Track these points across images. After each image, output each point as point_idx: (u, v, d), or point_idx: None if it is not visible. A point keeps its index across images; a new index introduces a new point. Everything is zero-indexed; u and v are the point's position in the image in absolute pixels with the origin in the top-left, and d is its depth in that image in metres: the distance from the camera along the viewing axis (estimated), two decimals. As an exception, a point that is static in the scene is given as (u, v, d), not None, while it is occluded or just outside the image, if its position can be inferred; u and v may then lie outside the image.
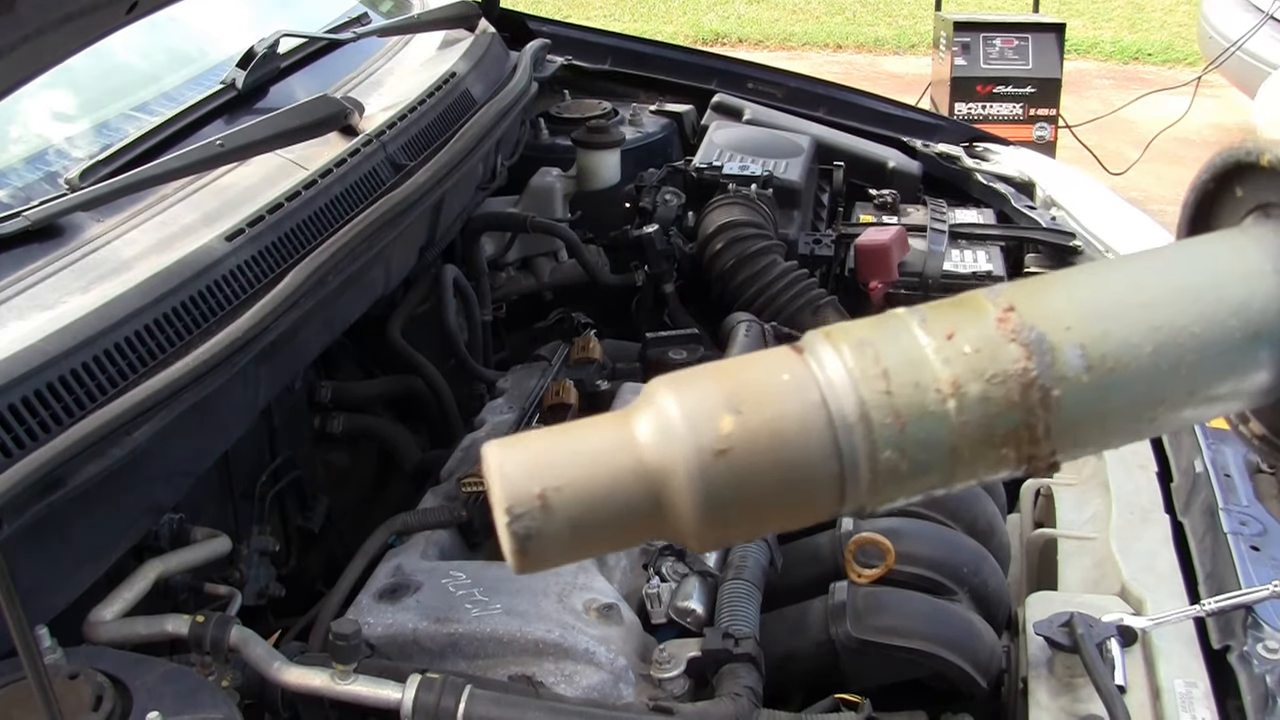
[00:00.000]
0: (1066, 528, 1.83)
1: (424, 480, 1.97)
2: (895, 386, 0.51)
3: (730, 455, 0.50)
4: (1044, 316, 0.53)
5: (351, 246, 1.80)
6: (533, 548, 0.52)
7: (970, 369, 0.52)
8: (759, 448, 0.51)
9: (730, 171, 2.75)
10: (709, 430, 0.51)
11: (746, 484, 0.51)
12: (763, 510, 0.52)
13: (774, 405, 0.51)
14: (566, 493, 0.52)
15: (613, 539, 0.53)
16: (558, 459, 0.52)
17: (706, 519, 0.51)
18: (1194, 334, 0.53)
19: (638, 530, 0.53)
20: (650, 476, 0.51)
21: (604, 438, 0.53)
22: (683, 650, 1.47)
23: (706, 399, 0.51)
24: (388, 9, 2.67)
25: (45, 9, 1.09)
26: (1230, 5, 6.35)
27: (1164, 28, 9.44)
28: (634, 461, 0.52)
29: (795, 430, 0.51)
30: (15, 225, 1.49)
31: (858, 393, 0.51)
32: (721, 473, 0.50)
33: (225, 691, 1.30)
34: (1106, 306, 0.54)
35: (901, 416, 0.51)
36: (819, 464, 0.51)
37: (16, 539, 1.21)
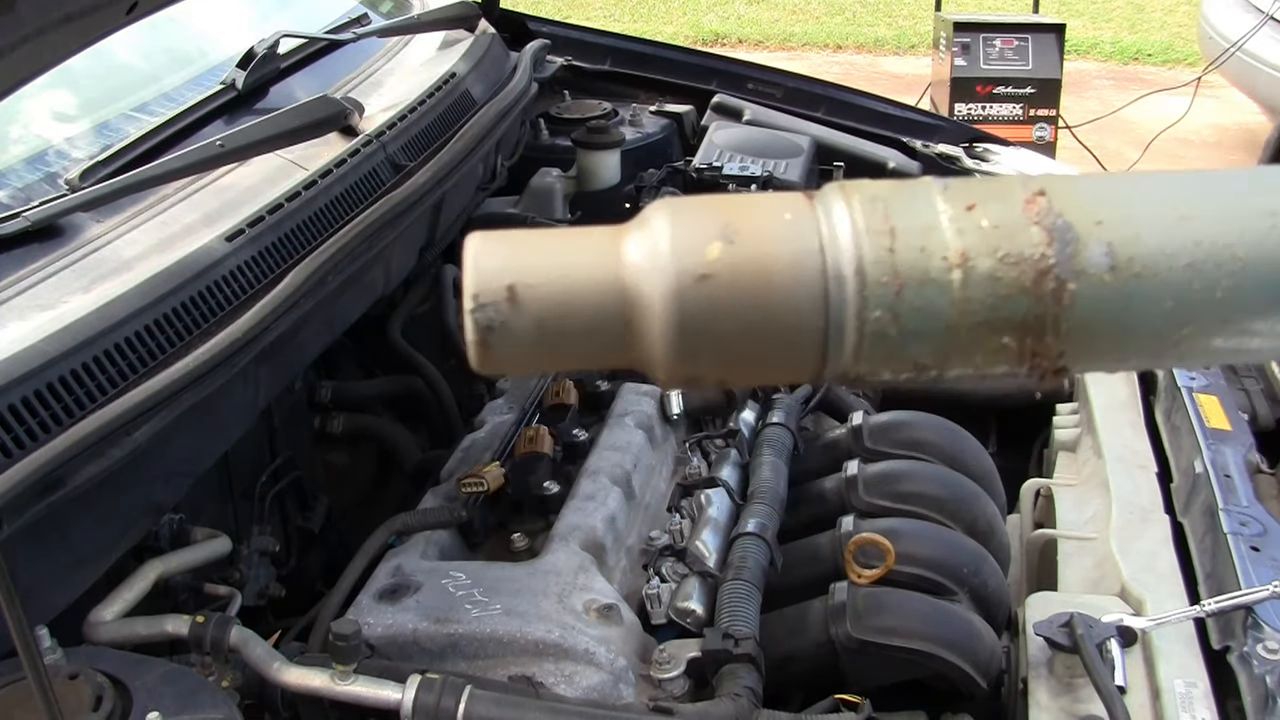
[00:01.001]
0: (1066, 528, 1.83)
1: (424, 480, 1.97)
2: (899, 246, 0.48)
3: (711, 282, 0.48)
4: (1075, 207, 0.50)
5: (351, 247, 1.80)
6: (494, 341, 0.50)
7: (984, 243, 0.49)
8: (743, 282, 0.48)
9: (730, 172, 2.75)
10: (695, 253, 0.48)
11: (723, 317, 0.48)
12: (737, 351, 0.49)
13: (768, 242, 0.49)
14: (538, 291, 0.50)
15: (579, 351, 0.50)
16: (537, 257, 0.50)
17: (676, 347, 0.48)
18: (1237, 256, 0.49)
19: (606, 347, 0.50)
20: (627, 291, 0.49)
21: (590, 245, 0.50)
22: (683, 650, 1.47)
23: (701, 223, 0.49)
24: (388, 9, 2.67)
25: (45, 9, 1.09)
26: (1230, 5, 6.35)
27: (1164, 28, 9.44)
28: (613, 274, 0.49)
29: (785, 271, 0.48)
30: (15, 225, 1.49)
31: (858, 245, 0.49)
32: (699, 299, 0.48)
33: (225, 692, 1.30)
34: (1145, 210, 0.50)
35: (900, 278, 0.48)
36: (804, 312, 0.48)
37: (16, 539, 1.21)
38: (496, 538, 1.74)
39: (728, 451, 1.93)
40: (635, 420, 1.91)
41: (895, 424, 2.00)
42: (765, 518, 1.71)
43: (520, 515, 1.77)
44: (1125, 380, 2.20)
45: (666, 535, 1.69)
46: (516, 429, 1.88)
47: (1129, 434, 2.00)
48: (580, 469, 1.79)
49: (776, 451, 1.92)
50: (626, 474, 1.78)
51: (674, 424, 2.00)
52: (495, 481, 1.71)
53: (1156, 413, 2.07)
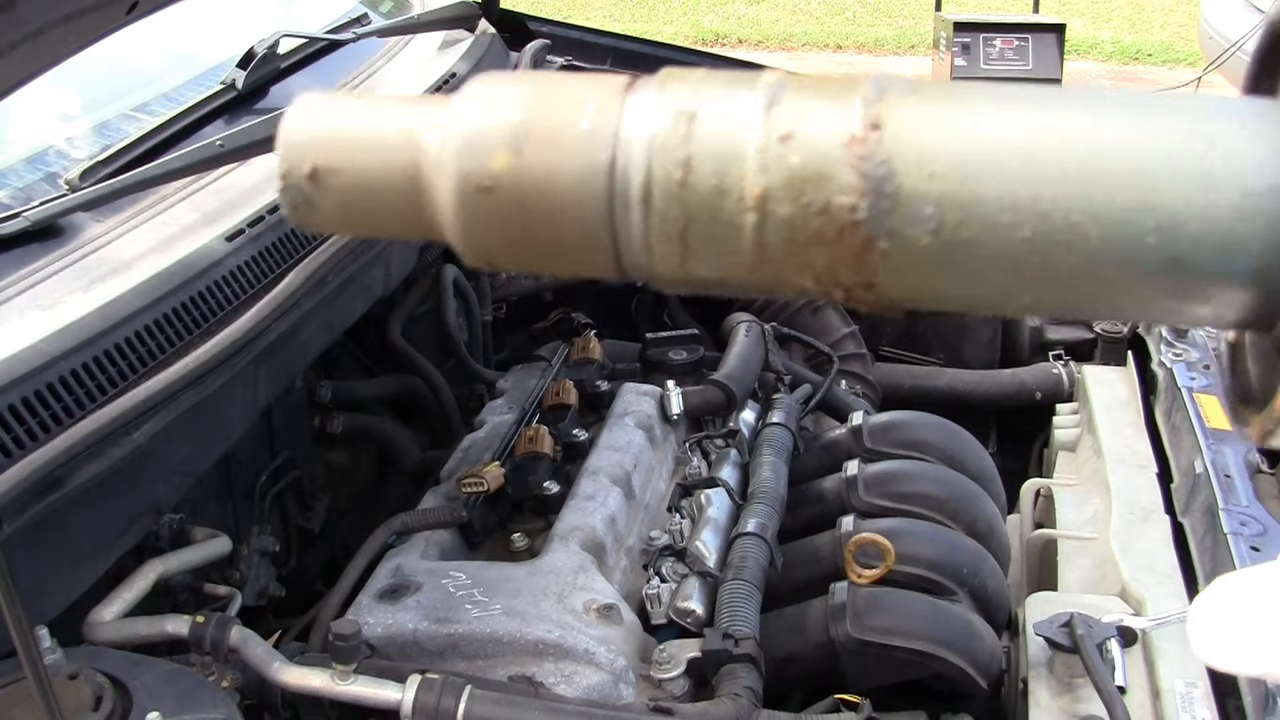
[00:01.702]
0: (1066, 528, 1.83)
1: (424, 480, 1.97)
2: (693, 180, 0.44)
3: (493, 195, 0.47)
4: (911, 149, 0.43)
5: (351, 246, 1.80)
6: (302, 216, 0.52)
7: (788, 186, 0.43)
8: (525, 197, 0.47)
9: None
10: (480, 164, 0.47)
11: (507, 226, 0.47)
12: (525, 253, 0.48)
13: (557, 158, 0.46)
14: (338, 177, 0.51)
15: (385, 229, 0.52)
16: (342, 139, 0.51)
17: (466, 244, 0.49)
18: (1093, 232, 0.42)
19: (410, 229, 0.51)
20: (421, 185, 0.49)
21: (396, 126, 0.50)
22: (683, 651, 1.47)
23: (493, 128, 0.47)
24: (388, 9, 2.66)
25: (45, 9, 1.09)
26: (1230, 5, 6.35)
27: (1164, 28, 9.44)
28: (411, 165, 0.49)
29: (569, 191, 0.46)
30: (15, 225, 1.49)
31: (648, 172, 0.45)
32: (481, 209, 0.47)
33: (225, 691, 1.30)
34: (999, 164, 0.42)
35: (688, 214, 0.45)
36: (589, 232, 0.47)
37: (16, 539, 1.21)
38: (496, 538, 1.74)
39: (728, 451, 1.93)
40: (635, 420, 1.91)
41: (895, 424, 2.00)
42: (765, 518, 1.71)
43: (520, 515, 1.77)
44: (1125, 380, 2.20)
45: (666, 535, 1.69)
46: (516, 429, 1.88)
47: (1129, 434, 2.00)
48: (580, 469, 1.79)
49: (776, 451, 1.92)
50: (626, 474, 1.78)
51: (674, 424, 2.00)
52: (495, 481, 1.71)
53: (1156, 413, 2.07)
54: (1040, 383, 2.50)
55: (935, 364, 2.70)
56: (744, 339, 2.18)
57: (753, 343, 2.17)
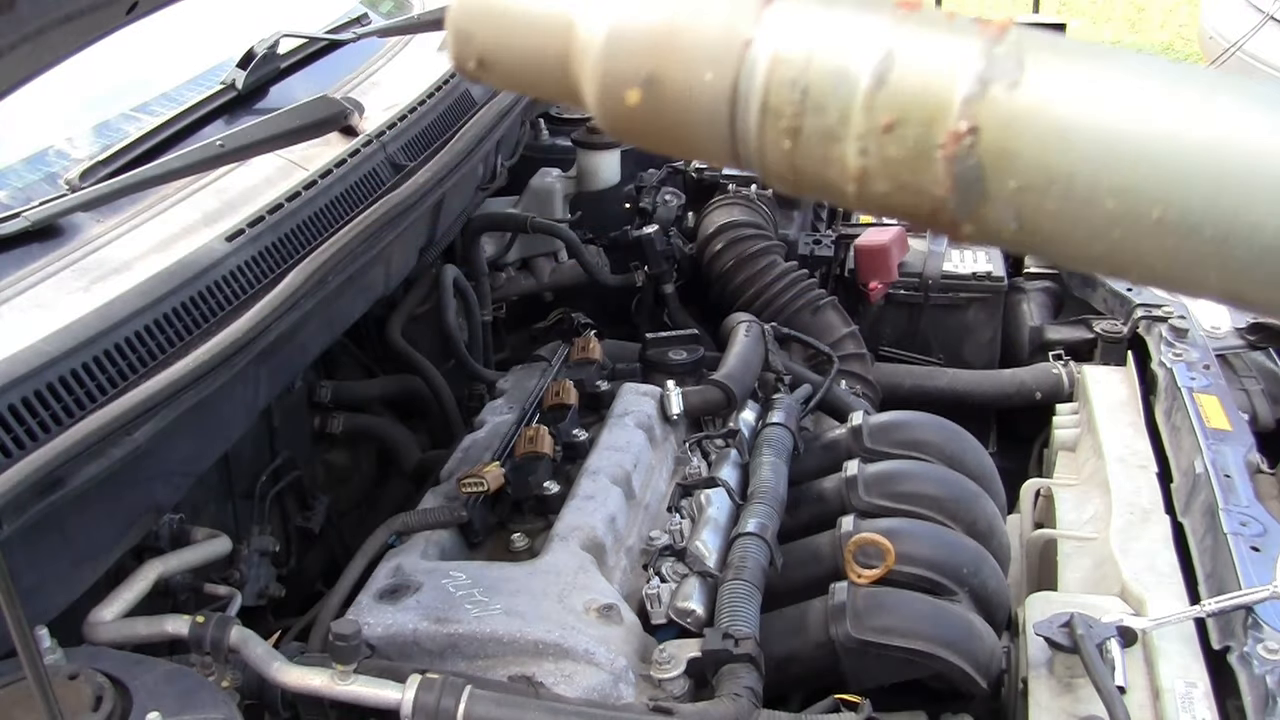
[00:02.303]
0: (1066, 528, 1.83)
1: (424, 480, 1.97)
2: (800, 150, 0.48)
3: (630, 118, 0.52)
4: (1005, 156, 0.45)
5: (351, 247, 1.80)
6: (478, 80, 0.58)
7: (885, 170, 0.47)
8: (654, 132, 0.52)
9: (730, 171, 2.75)
10: (615, 95, 0.52)
11: (644, 139, 0.53)
12: (654, 137, 0.53)
13: (681, 106, 0.51)
14: (502, 66, 0.56)
15: (543, 96, 0.59)
16: (502, 32, 0.56)
17: (604, 122, 0.54)
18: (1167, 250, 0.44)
19: (564, 99, 0.56)
20: (569, 75, 0.54)
21: (550, 21, 0.55)
22: (683, 650, 1.47)
23: (630, 62, 0.51)
24: (388, 9, 2.66)
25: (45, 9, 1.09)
26: (1230, 5, 6.35)
27: (1164, 28, 9.44)
28: (561, 59, 0.54)
29: (695, 132, 0.51)
30: (15, 225, 1.49)
31: (761, 133, 0.49)
32: (620, 121, 0.53)
33: (225, 691, 1.30)
34: (1095, 190, 0.44)
35: (796, 174, 0.50)
36: (715, 133, 0.51)
37: (16, 539, 1.21)
38: (496, 538, 1.74)
39: (728, 451, 1.93)
40: (635, 420, 1.91)
41: (895, 424, 2.00)
42: (765, 518, 1.71)
43: (520, 515, 1.77)
44: (1125, 380, 2.20)
45: (666, 535, 1.69)
46: (516, 429, 1.88)
47: (1129, 434, 2.01)
48: (580, 469, 1.79)
49: (776, 451, 1.92)
50: (626, 474, 1.78)
51: (674, 424, 2.00)
52: (495, 481, 1.71)
53: (1156, 413, 2.07)
54: (1040, 383, 2.50)
55: (935, 364, 2.70)
56: (744, 339, 2.18)
57: (753, 343, 2.18)
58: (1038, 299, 2.74)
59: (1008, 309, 2.72)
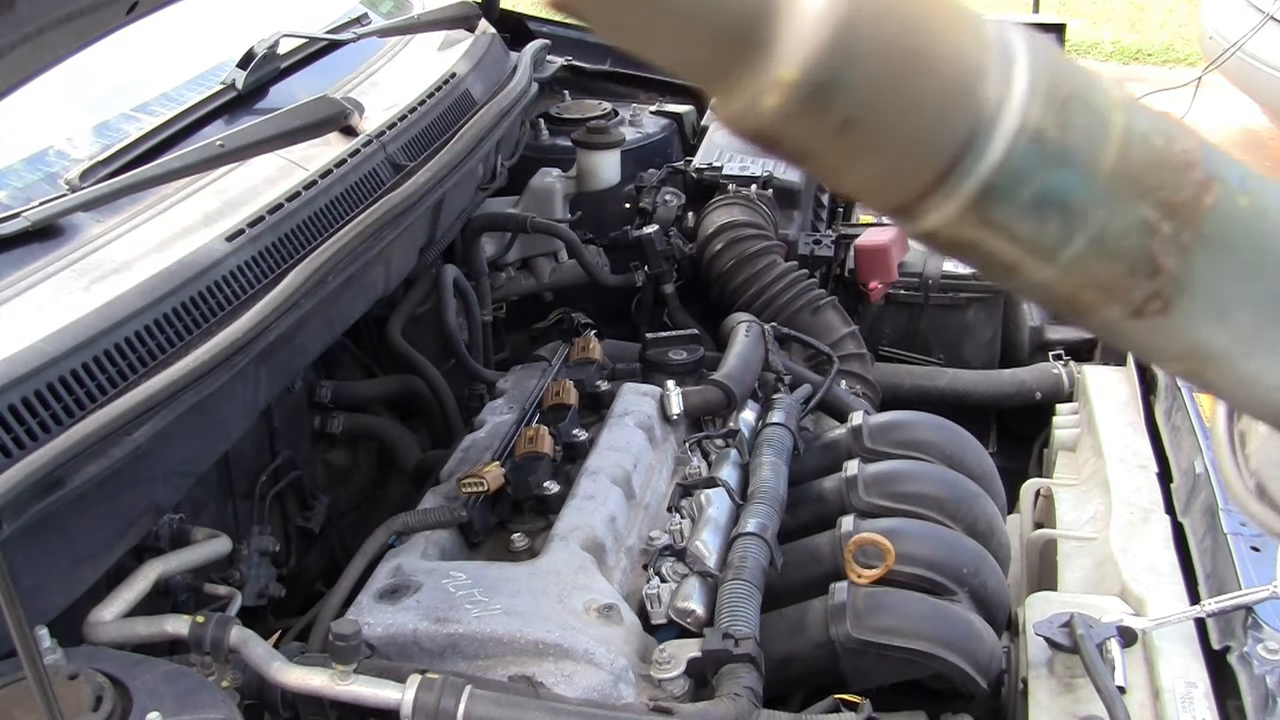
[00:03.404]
0: (1066, 528, 1.83)
1: (424, 480, 1.97)
2: (1067, 66, 0.47)
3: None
4: (1206, 148, 0.49)
5: (352, 247, 1.80)
6: None
7: (1143, 112, 0.48)
8: (908, 22, 0.45)
9: (730, 172, 2.75)
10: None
11: (897, 18, 0.45)
12: (897, 62, 0.45)
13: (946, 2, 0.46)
14: None
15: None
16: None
17: (832, 34, 0.44)
18: None
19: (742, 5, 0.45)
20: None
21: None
22: (683, 650, 1.47)
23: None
24: (388, 9, 2.66)
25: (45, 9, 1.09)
26: (1230, 5, 6.34)
27: (1164, 28, 9.44)
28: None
29: (958, 27, 0.46)
30: (15, 225, 1.49)
31: (1031, 46, 0.46)
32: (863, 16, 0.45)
33: (225, 691, 1.30)
34: (1267, 185, 0.50)
35: (1070, 85, 0.47)
36: (972, 62, 0.46)
37: (16, 539, 1.21)
38: (496, 538, 1.74)
39: (728, 451, 1.93)
40: (635, 420, 1.91)
41: (895, 424, 2.00)
42: (765, 518, 1.71)
43: (520, 515, 1.77)
44: (1125, 380, 2.20)
45: (666, 535, 1.69)
46: (516, 429, 1.88)
47: (1129, 434, 2.01)
48: (580, 469, 1.79)
49: (776, 451, 1.92)
50: (626, 474, 1.78)
51: (674, 424, 1.99)
52: (495, 481, 1.71)
53: (1156, 413, 2.07)
54: (1040, 383, 2.50)
55: (935, 364, 2.70)
56: (744, 339, 2.18)
57: (753, 343, 2.17)
58: (1038, 299, 2.74)
59: (1008, 309, 2.72)
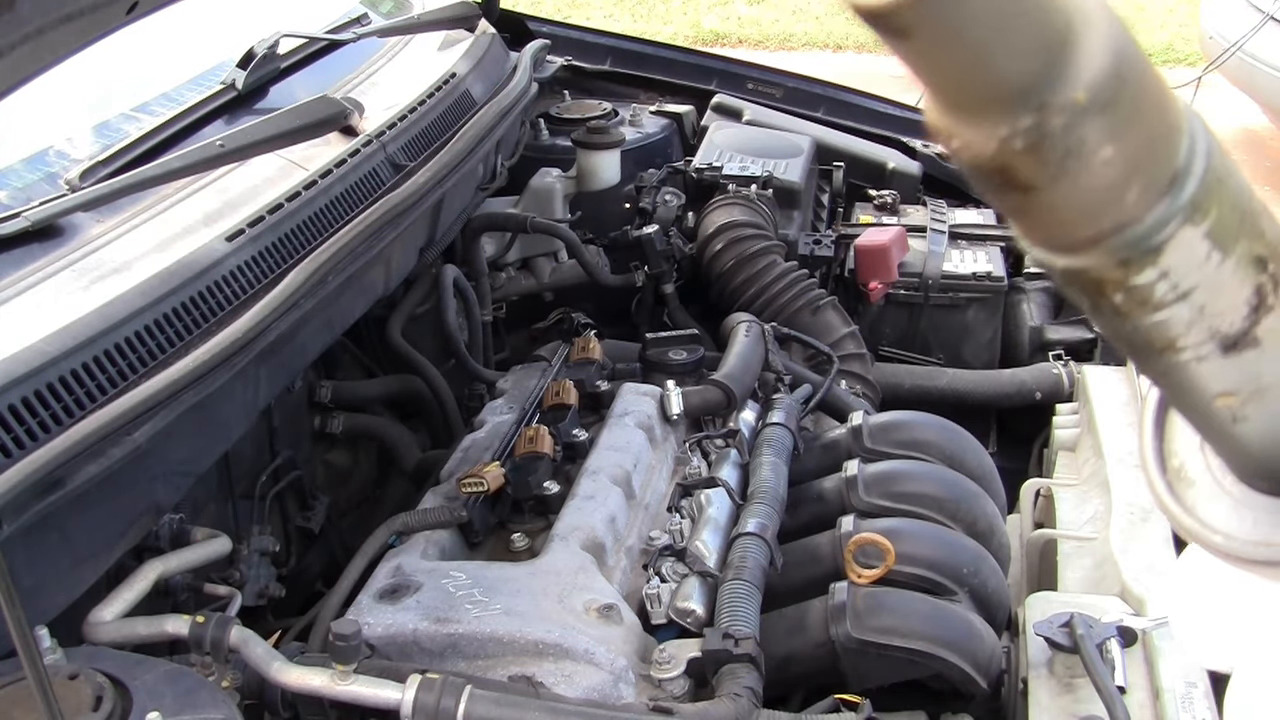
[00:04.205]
0: (1066, 528, 1.83)
1: (424, 480, 1.97)
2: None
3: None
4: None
5: (352, 247, 1.80)
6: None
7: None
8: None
9: (730, 172, 2.75)
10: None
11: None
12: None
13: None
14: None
15: (1025, 18, 0.45)
16: None
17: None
18: None
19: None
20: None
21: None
22: (683, 650, 1.47)
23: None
24: (388, 9, 2.67)
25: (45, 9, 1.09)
26: (1230, 5, 6.35)
27: (1164, 28, 9.44)
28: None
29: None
30: (15, 225, 1.49)
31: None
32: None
33: (225, 691, 1.30)
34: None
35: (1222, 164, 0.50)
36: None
37: (16, 539, 1.21)
38: (496, 538, 1.74)
39: (728, 451, 1.93)
40: (635, 420, 1.91)
41: (895, 424, 2.00)
42: (765, 518, 1.71)
43: (520, 515, 1.77)
44: (1125, 380, 2.20)
45: (666, 535, 1.69)
46: (516, 429, 1.88)
47: (1129, 434, 2.00)
48: (580, 469, 1.79)
49: (776, 451, 1.92)
50: (626, 474, 1.78)
51: (674, 424, 1.99)
52: (495, 481, 1.71)
53: (1156, 413, 2.06)
54: (1040, 383, 2.50)
55: (935, 364, 2.70)
56: (744, 339, 2.18)
57: (753, 343, 2.17)
58: (1038, 299, 2.74)
59: (1008, 309, 2.72)
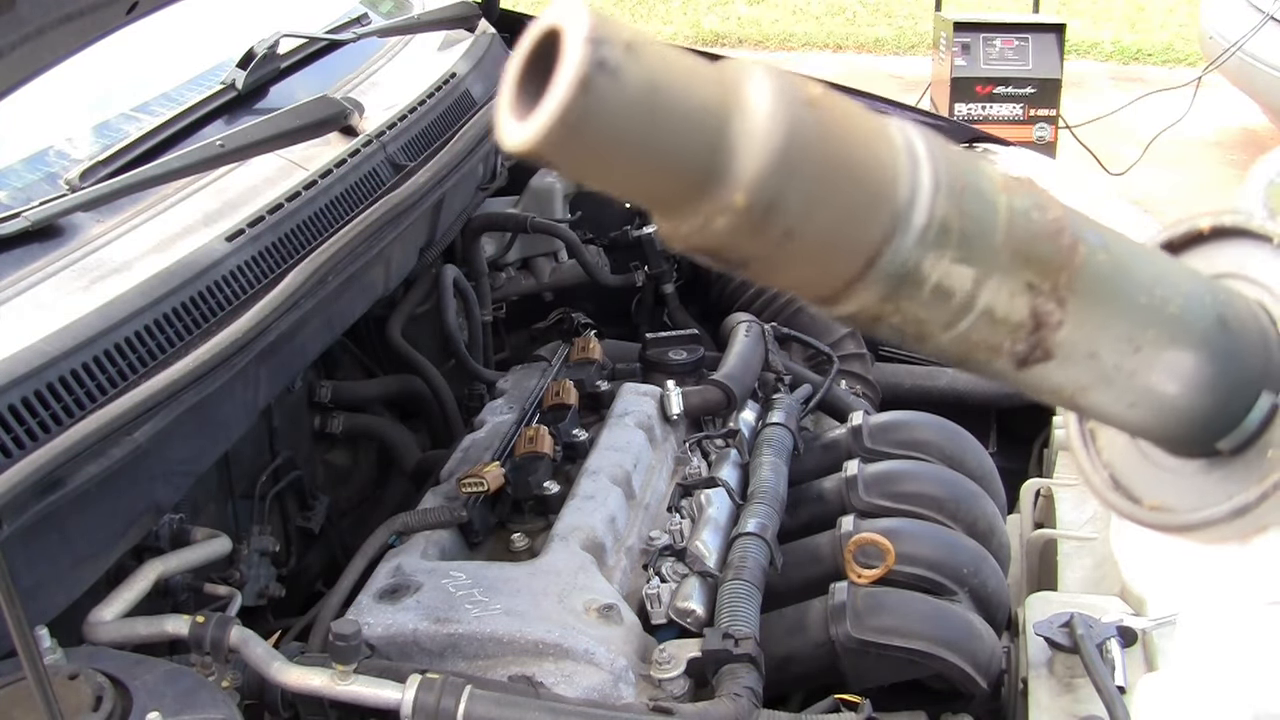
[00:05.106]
0: (1066, 528, 1.83)
1: (424, 480, 1.97)
2: (956, 157, 0.54)
3: (818, 110, 0.49)
4: (1070, 213, 0.58)
5: (352, 247, 1.80)
6: (597, 87, 0.45)
7: (1020, 188, 0.56)
8: (841, 121, 0.51)
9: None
10: (800, 86, 0.50)
11: (824, 141, 0.50)
12: (826, 185, 0.50)
13: (854, 113, 0.52)
14: (652, 53, 0.47)
15: (670, 136, 0.48)
16: (649, 43, 0.48)
17: (775, 160, 0.48)
18: (1181, 283, 0.61)
19: (698, 145, 0.48)
20: (732, 92, 0.49)
21: (697, 59, 0.50)
22: (683, 650, 1.47)
23: (798, 80, 0.50)
24: (388, 9, 2.67)
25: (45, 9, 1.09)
26: (1230, 5, 6.34)
27: (1164, 28, 9.44)
28: (720, 79, 0.49)
29: (871, 135, 0.51)
30: (15, 225, 1.49)
31: (928, 144, 0.53)
32: (807, 118, 0.49)
33: (225, 691, 1.30)
34: (1116, 240, 0.60)
35: (964, 178, 0.53)
36: (885, 168, 0.51)
37: (16, 539, 1.21)
38: (496, 538, 1.74)
39: (728, 451, 1.93)
40: (635, 420, 1.91)
41: (895, 424, 2.00)
42: (765, 518, 1.71)
43: (520, 515, 1.77)
44: (1125, 380, 2.20)
45: (666, 535, 1.69)
46: (516, 429, 1.88)
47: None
48: (580, 469, 1.79)
49: (776, 451, 1.92)
50: (626, 474, 1.78)
51: (674, 424, 1.99)
52: (495, 481, 1.71)
53: (1156, 413, 2.06)
54: (1040, 383, 2.49)
55: (935, 364, 2.70)
56: (744, 339, 2.18)
57: (753, 343, 2.17)
58: (1038, 299, 2.73)
59: (1008, 309, 2.71)
